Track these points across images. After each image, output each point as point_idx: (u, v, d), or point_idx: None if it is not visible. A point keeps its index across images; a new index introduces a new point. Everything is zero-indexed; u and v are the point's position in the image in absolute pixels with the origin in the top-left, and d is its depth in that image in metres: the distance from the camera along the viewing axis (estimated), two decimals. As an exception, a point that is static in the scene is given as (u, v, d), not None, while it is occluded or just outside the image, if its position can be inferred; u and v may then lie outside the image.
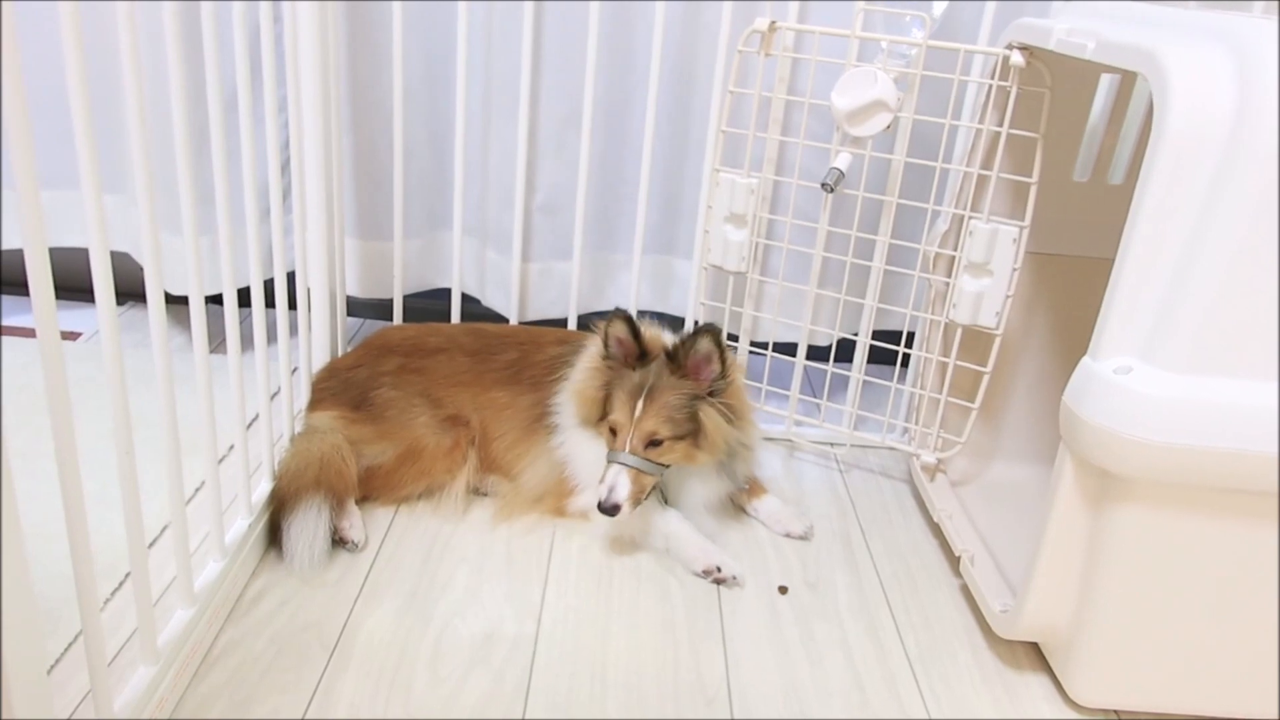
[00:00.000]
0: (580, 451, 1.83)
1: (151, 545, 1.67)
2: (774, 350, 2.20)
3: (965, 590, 1.80)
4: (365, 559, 1.75)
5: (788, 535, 1.95)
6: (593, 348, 1.85)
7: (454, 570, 1.75)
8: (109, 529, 1.38)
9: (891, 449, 2.24)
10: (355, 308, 2.66)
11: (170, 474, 1.34)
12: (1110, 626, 1.45)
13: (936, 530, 1.97)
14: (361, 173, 2.27)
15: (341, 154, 2.13)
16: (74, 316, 2.54)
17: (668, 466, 1.76)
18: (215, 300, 1.85)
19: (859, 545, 1.94)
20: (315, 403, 1.98)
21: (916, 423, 2.09)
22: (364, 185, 2.28)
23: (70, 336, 2.47)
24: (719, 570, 1.77)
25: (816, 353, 2.25)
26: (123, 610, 1.51)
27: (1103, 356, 1.35)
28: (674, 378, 1.73)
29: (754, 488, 2.01)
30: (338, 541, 1.76)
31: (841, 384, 2.29)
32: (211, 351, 1.42)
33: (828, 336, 2.27)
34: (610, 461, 1.72)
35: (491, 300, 2.38)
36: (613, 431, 1.74)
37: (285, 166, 2.04)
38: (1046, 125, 1.78)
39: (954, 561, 1.86)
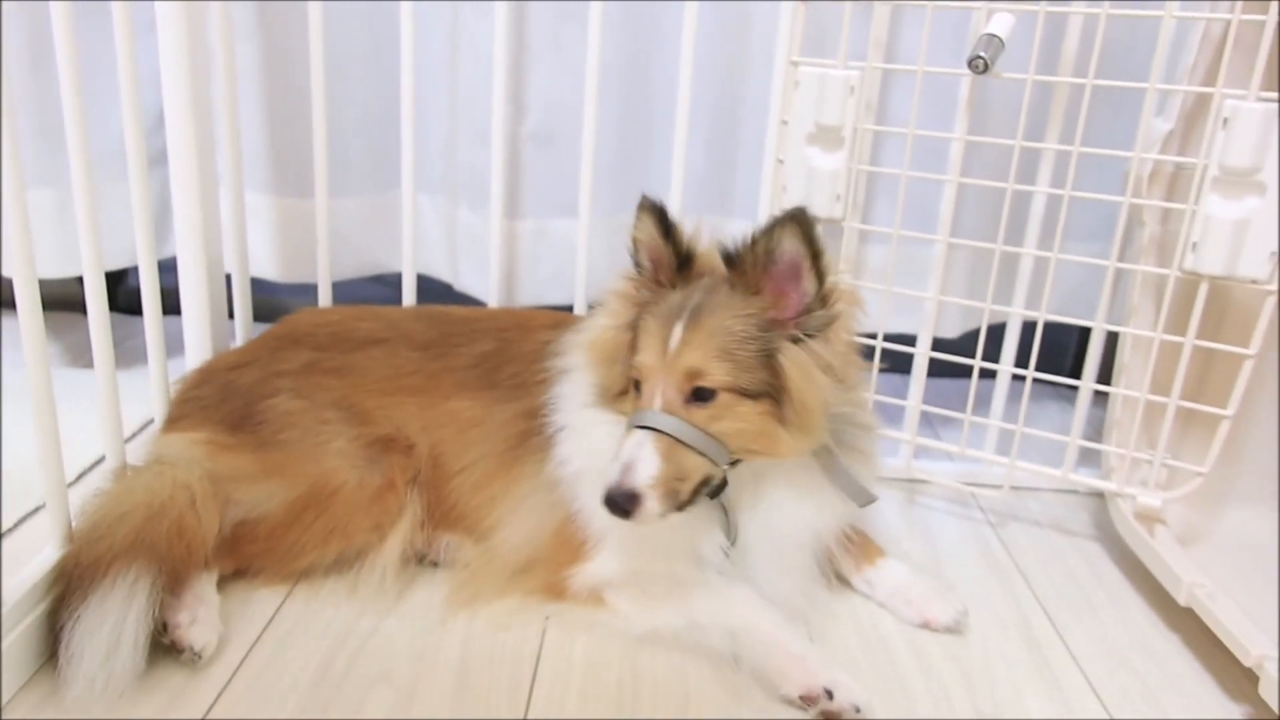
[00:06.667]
0: (596, 459, 1.09)
1: None
2: (884, 342, 1.45)
3: (1260, 726, 1.03)
4: (213, 678, 1.02)
5: (926, 626, 1.20)
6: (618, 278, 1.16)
7: (364, 699, 1.01)
8: None
9: (1065, 492, 1.49)
10: (280, 294, 1.95)
11: None
12: None
13: (1170, 613, 1.21)
14: (274, 98, 1.58)
15: (235, 68, 1.44)
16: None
17: (733, 456, 1.04)
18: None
19: (1051, 644, 1.18)
20: (172, 420, 1.28)
21: (1127, 446, 1.32)
22: (278, 116, 1.59)
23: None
24: (829, 697, 1.01)
25: (946, 348, 1.50)
26: None
27: None
28: (737, 296, 1.04)
29: (865, 547, 1.26)
30: (169, 646, 1.02)
31: (984, 392, 1.51)
32: None
33: (966, 318, 1.53)
34: (631, 427, 1.02)
35: (467, 282, 1.67)
36: (637, 386, 1.06)
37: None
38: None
39: (1219, 667, 1.11)
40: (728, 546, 1.12)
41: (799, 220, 1.01)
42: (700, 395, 1.02)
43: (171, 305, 1.36)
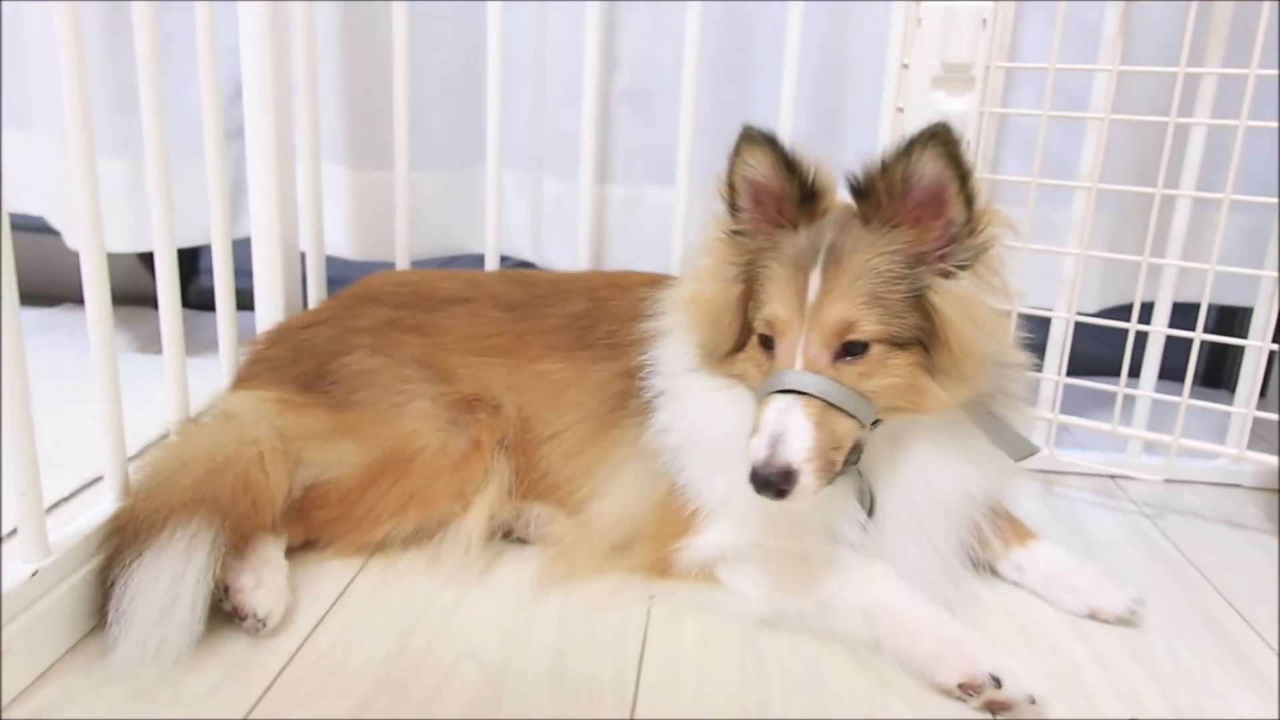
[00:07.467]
0: (704, 431, 0.96)
1: None
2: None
3: None
4: (279, 649, 0.90)
5: (1093, 616, 1.03)
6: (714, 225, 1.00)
7: (448, 676, 0.87)
8: None
9: (1226, 486, 1.31)
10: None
11: None
12: None
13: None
14: (353, 65, 1.50)
15: (315, 37, 1.36)
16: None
17: (876, 423, 0.91)
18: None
19: (1248, 641, 1.00)
20: (242, 380, 1.17)
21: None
22: (357, 83, 1.51)
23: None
24: (997, 685, 0.85)
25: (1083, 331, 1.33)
26: None
27: None
28: (874, 231, 0.90)
29: (1013, 527, 1.10)
30: (230, 612, 0.90)
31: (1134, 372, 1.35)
32: None
33: (1105, 290, 1.37)
34: (770, 393, 0.87)
35: (552, 257, 1.56)
36: (766, 343, 0.92)
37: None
38: None
39: None
40: (865, 519, 0.97)
41: (942, 138, 0.87)
42: (852, 350, 0.88)
43: (244, 303, 1.28)
